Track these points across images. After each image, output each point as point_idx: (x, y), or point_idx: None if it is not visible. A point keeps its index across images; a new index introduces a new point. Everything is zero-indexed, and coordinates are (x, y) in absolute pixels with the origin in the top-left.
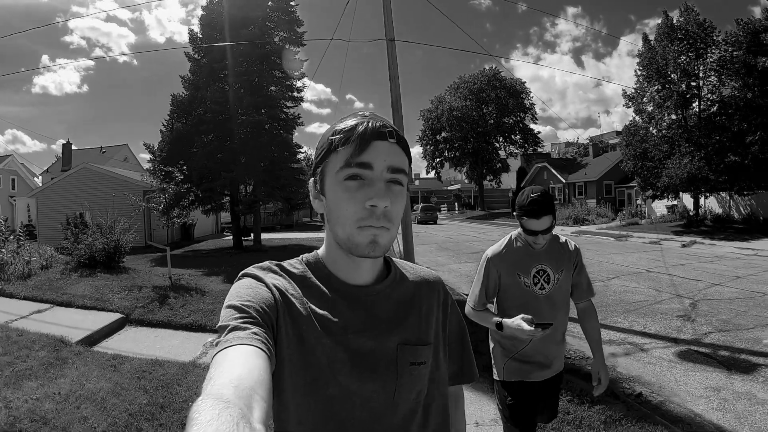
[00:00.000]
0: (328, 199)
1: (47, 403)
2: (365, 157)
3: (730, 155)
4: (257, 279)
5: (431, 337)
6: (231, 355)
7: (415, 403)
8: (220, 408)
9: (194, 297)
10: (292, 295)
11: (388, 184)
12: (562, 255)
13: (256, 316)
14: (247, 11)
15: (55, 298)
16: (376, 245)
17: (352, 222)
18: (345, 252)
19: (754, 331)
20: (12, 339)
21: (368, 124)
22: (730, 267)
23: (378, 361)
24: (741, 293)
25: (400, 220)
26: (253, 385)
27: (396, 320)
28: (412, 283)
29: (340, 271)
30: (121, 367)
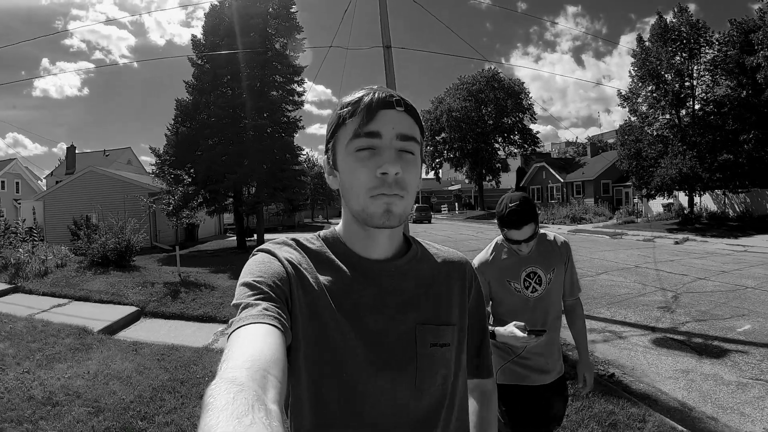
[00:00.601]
0: (341, 173)
1: (78, 381)
2: (373, 126)
3: (724, 153)
4: (270, 253)
5: (454, 318)
6: (243, 335)
7: (441, 389)
8: (234, 391)
9: (204, 292)
10: (306, 269)
11: (399, 153)
12: (552, 254)
13: (268, 291)
14: (248, 19)
15: (72, 293)
16: (391, 214)
17: (364, 192)
18: (361, 225)
19: (729, 321)
20: (38, 329)
21: (374, 95)
22: (718, 262)
23: (394, 341)
24: (724, 287)
25: (414, 190)
26: (266, 366)
27: (415, 298)
28: (435, 261)
29: (357, 246)
30: (141, 351)
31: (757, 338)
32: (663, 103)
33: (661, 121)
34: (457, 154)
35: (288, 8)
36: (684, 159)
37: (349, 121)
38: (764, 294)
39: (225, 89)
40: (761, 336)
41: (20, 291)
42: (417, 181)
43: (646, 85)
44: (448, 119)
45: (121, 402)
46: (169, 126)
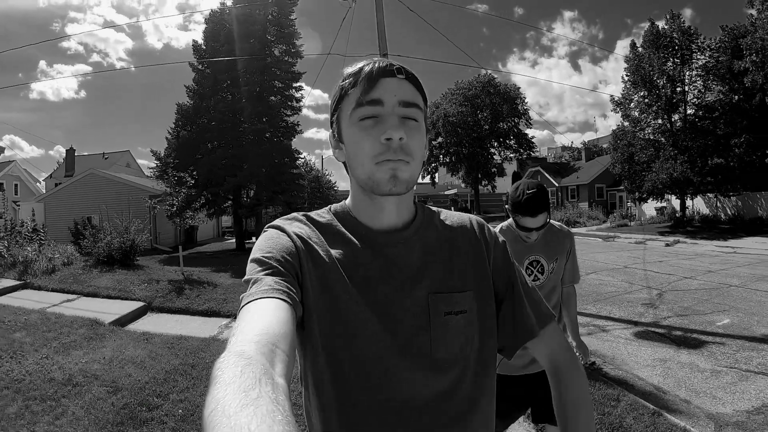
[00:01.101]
0: (346, 144)
1: (95, 365)
2: (375, 93)
3: (715, 158)
4: (280, 229)
5: (469, 283)
6: (252, 309)
7: (462, 359)
8: (242, 365)
9: (207, 289)
10: (315, 242)
11: (402, 120)
12: (557, 243)
13: (277, 266)
14: (248, 26)
15: (81, 289)
16: (397, 180)
17: (369, 159)
18: (368, 195)
19: (709, 316)
20: (52, 321)
21: (375, 64)
22: (706, 263)
23: (406, 311)
24: (708, 285)
25: (420, 156)
26: (275, 340)
27: (424, 267)
28: (446, 226)
29: (365, 217)
30: (151, 340)
31: (735, 331)
32: (655, 108)
33: (653, 126)
34: (453, 159)
35: (287, 15)
36: (675, 164)
37: (351, 91)
38: (747, 292)
39: (225, 94)
40: (739, 329)
41: (29, 287)
42: (422, 147)
43: (639, 90)
44: (444, 124)
45: (137, 383)
46: (170, 129)
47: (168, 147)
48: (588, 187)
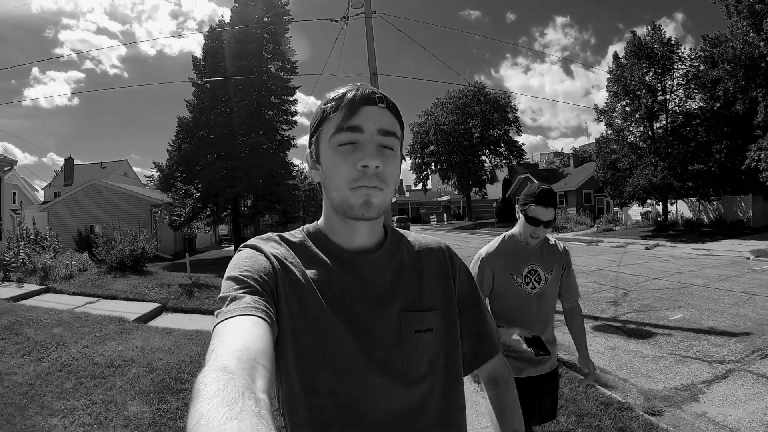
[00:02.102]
0: (323, 166)
1: (130, 352)
2: (355, 120)
3: (695, 164)
4: (256, 249)
5: (437, 302)
6: (231, 326)
7: (429, 374)
8: (225, 379)
9: (215, 291)
10: (291, 263)
11: (379, 148)
12: (552, 256)
13: (254, 285)
14: (245, 44)
15: (100, 293)
16: (370, 205)
17: (345, 183)
18: (341, 217)
19: (665, 312)
20: (82, 319)
21: (358, 91)
22: (678, 265)
23: (380, 330)
24: (673, 285)
25: (394, 183)
26: (255, 356)
27: (396, 286)
28: (413, 248)
29: (338, 237)
30: (173, 333)
31: (683, 324)
32: (636, 116)
33: (635, 134)
34: (444, 166)
35: (283, 34)
36: (655, 170)
37: (333, 115)
38: (707, 290)
39: (223, 108)
40: (688, 323)
41: (51, 291)
42: (397, 174)
43: (621, 99)
44: (435, 132)
45: (168, 364)
46: (171, 142)
47: (169, 159)
48: (576, 193)
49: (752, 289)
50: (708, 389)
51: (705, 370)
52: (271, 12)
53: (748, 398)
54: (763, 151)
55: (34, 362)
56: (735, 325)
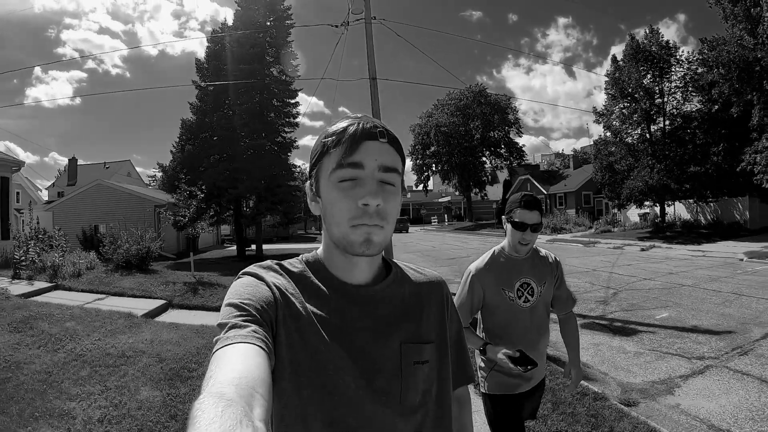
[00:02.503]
0: (323, 200)
1: (140, 344)
2: (356, 156)
3: (692, 166)
4: (257, 277)
5: (433, 335)
6: (231, 353)
7: (423, 404)
8: (222, 406)
9: (218, 289)
10: (292, 294)
11: (380, 184)
12: (544, 268)
13: (255, 314)
14: (248, 47)
15: (108, 290)
16: (371, 243)
17: (345, 221)
18: (341, 251)
19: (652, 311)
20: (93, 314)
21: (359, 125)
22: (671, 266)
23: (382, 361)
24: (664, 285)
25: (394, 219)
26: (254, 384)
27: (397, 319)
28: (414, 282)
29: (338, 271)
30: (179, 327)
31: (668, 323)
32: (635, 118)
33: (632, 136)
34: (446, 167)
35: (285, 38)
36: (651, 172)
37: (333, 150)
38: (696, 291)
39: (226, 110)
40: (673, 321)
41: (60, 288)
42: (397, 210)
43: (618, 102)
44: (436, 134)
45: (176, 355)
46: (174, 143)
47: (173, 160)
48: (575, 195)
49: (740, 290)
50: (684, 383)
51: (683, 366)
52: (274, 16)
53: (722, 392)
54: (758, 154)
55: (50, 353)
56: (718, 324)
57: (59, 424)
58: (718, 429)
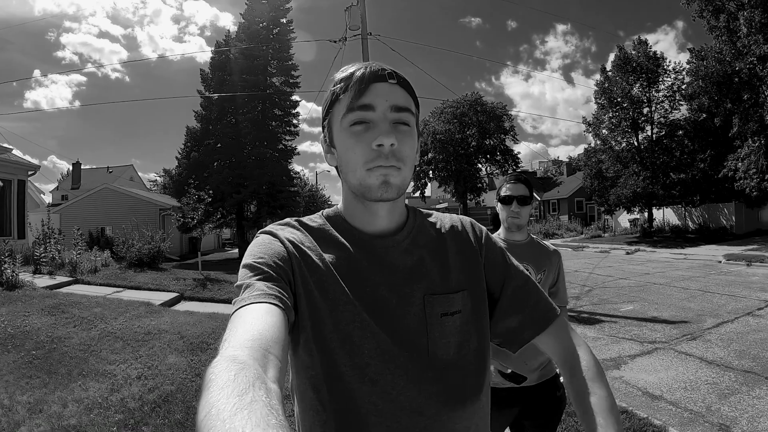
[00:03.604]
0: (337, 149)
1: (162, 325)
2: (366, 99)
3: (678, 173)
4: (272, 234)
5: (464, 282)
6: (244, 314)
7: (459, 358)
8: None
9: (225, 285)
10: (308, 247)
11: (393, 125)
12: (543, 255)
13: (268, 271)
14: (252, 60)
15: (124, 284)
16: (389, 186)
17: (361, 165)
18: (360, 200)
19: (618, 305)
20: (115, 303)
21: (366, 68)
22: (650, 268)
23: (404, 314)
24: (637, 284)
25: (412, 162)
26: (267, 345)
27: (419, 269)
28: (435, 229)
29: (358, 221)
30: (194, 314)
31: (631, 314)
32: (623, 127)
33: (621, 144)
34: (442, 174)
35: (286, 51)
36: (638, 179)
37: (342, 96)
38: (665, 288)
39: (230, 118)
40: (635, 313)
41: (80, 282)
42: (414, 151)
43: (606, 111)
44: (433, 141)
45: (194, 333)
46: (180, 150)
47: (178, 166)
48: (568, 201)
49: (708, 288)
50: (631, 361)
51: (635, 348)
52: (276, 30)
53: (663, 368)
54: (739, 161)
55: (85, 330)
56: (676, 315)
57: (103, 380)
58: (651, 395)
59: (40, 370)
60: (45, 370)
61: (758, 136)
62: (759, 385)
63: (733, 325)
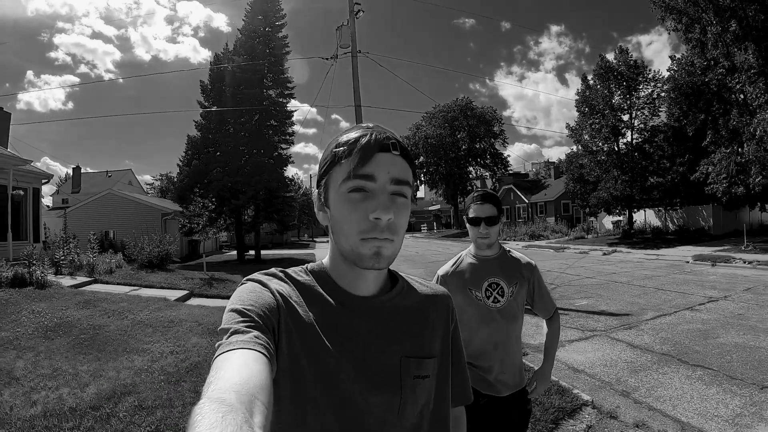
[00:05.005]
0: (332, 211)
1: (181, 316)
2: (368, 169)
3: (655, 177)
4: (261, 284)
5: (436, 350)
6: (232, 358)
7: (419, 419)
8: (223, 412)
9: (229, 283)
10: (296, 302)
11: (392, 197)
12: (515, 269)
13: (257, 320)
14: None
15: (139, 283)
16: (380, 257)
17: (355, 234)
18: (349, 263)
19: (575, 300)
20: (137, 299)
21: (371, 136)
22: (619, 267)
23: (382, 373)
24: (600, 282)
25: (404, 232)
26: (255, 391)
27: (400, 332)
28: (419, 295)
29: (345, 282)
30: (206, 307)
31: (583, 308)
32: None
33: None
34: (434, 177)
35: (281, 64)
36: (616, 183)
37: (344, 161)
38: (623, 286)
39: (228, 128)
40: (588, 307)
41: (99, 282)
42: (407, 222)
43: (587, 118)
44: (424, 145)
45: (210, 321)
46: (181, 158)
47: (180, 173)
48: (554, 203)
49: (663, 286)
50: (569, 345)
51: (576, 335)
52: (272, 44)
53: (593, 350)
54: (710, 166)
55: (118, 320)
56: (622, 309)
57: (144, 355)
58: (575, 369)
59: (90, 348)
60: (95, 349)
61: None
62: (669, 364)
63: (669, 318)
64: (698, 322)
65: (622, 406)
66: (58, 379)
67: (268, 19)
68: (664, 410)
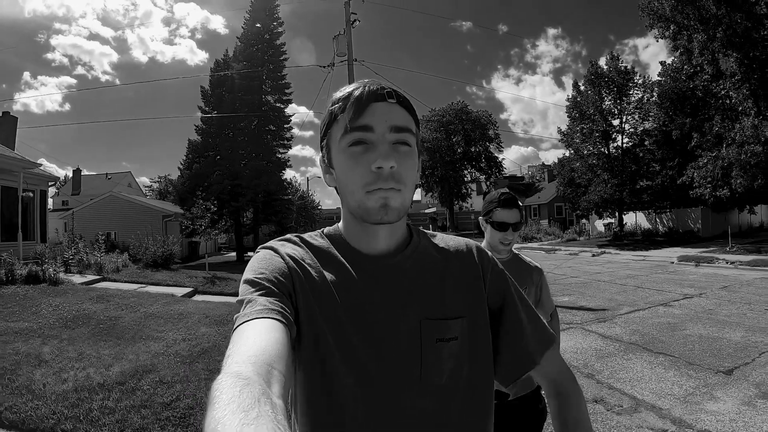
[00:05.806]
0: (336, 170)
1: (189, 309)
2: (364, 119)
3: (645, 180)
4: (272, 250)
5: (463, 308)
6: (247, 330)
7: (451, 385)
8: (240, 385)
9: (230, 282)
10: (309, 264)
11: (393, 145)
12: (525, 272)
13: (270, 286)
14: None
15: (146, 281)
16: (388, 208)
17: (360, 188)
18: (359, 221)
19: (558, 296)
20: (146, 295)
21: (365, 88)
22: (605, 268)
23: (399, 337)
24: (583, 281)
25: (412, 183)
26: (271, 360)
27: (418, 292)
28: (441, 251)
29: (357, 242)
30: (210, 302)
31: (563, 304)
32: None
33: (592, 153)
34: (430, 180)
35: (279, 71)
36: (606, 186)
37: (341, 116)
38: (605, 285)
39: (228, 132)
40: (568, 303)
41: (107, 280)
42: (414, 172)
43: (578, 124)
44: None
45: (216, 314)
46: (182, 161)
47: (181, 176)
48: (548, 206)
49: (644, 284)
50: None
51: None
52: (271, 52)
53: (566, 340)
54: (695, 170)
55: (131, 313)
56: (600, 305)
57: (159, 341)
58: None
59: (109, 336)
60: (114, 336)
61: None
62: (635, 352)
63: (643, 312)
64: (669, 316)
65: (585, 386)
66: (83, 361)
67: (266, 27)
68: (623, 389)
